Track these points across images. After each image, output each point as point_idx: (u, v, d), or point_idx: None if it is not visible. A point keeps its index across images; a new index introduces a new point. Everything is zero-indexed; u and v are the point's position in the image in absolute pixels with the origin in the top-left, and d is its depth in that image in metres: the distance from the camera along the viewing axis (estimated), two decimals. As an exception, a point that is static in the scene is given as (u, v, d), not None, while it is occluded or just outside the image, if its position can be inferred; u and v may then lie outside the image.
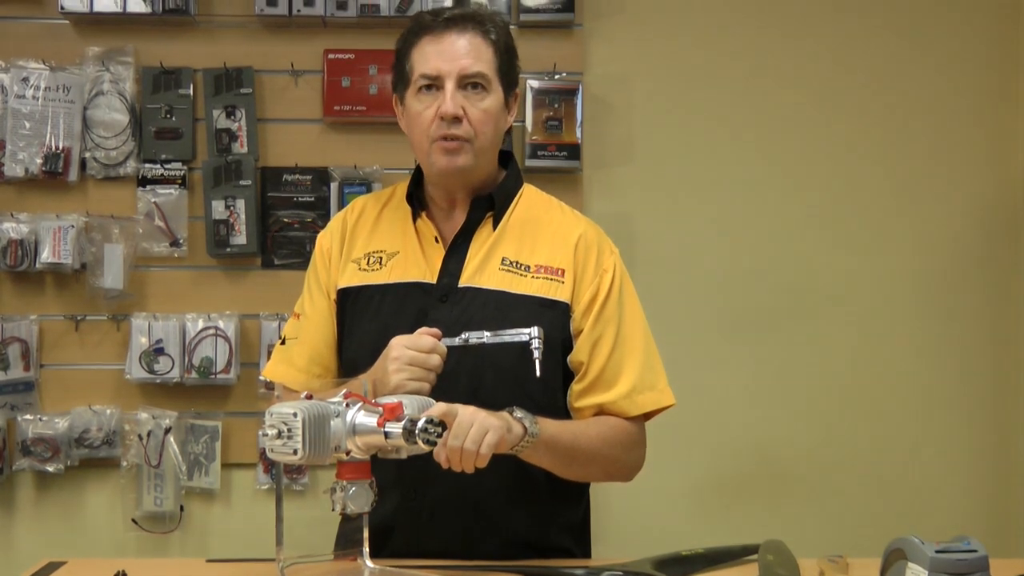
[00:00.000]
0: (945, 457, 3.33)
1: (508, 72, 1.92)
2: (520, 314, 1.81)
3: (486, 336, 1.78)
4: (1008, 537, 3.32)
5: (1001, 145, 3.34)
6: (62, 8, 3.10)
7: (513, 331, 1.78)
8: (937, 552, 1.56)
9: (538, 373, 1.76)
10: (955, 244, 3.33)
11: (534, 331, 1.77)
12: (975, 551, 1.57)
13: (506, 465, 1.77)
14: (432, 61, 1.86)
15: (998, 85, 3.33)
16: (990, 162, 3.34)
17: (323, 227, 3.08)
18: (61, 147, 3.13)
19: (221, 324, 3.15)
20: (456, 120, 1.85)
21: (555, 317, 1.88)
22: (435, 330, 1.77)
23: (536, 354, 1.76)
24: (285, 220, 3.20)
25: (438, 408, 1.61)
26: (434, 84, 1.86)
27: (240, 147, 3.17)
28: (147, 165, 3.17)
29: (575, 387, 1.92)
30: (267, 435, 1.56)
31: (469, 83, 1.86)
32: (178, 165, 3.17)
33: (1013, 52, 3.33)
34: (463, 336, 1.78)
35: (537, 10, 3.18)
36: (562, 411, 1.92)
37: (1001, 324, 3.34)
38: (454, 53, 1.86)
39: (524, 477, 1.86)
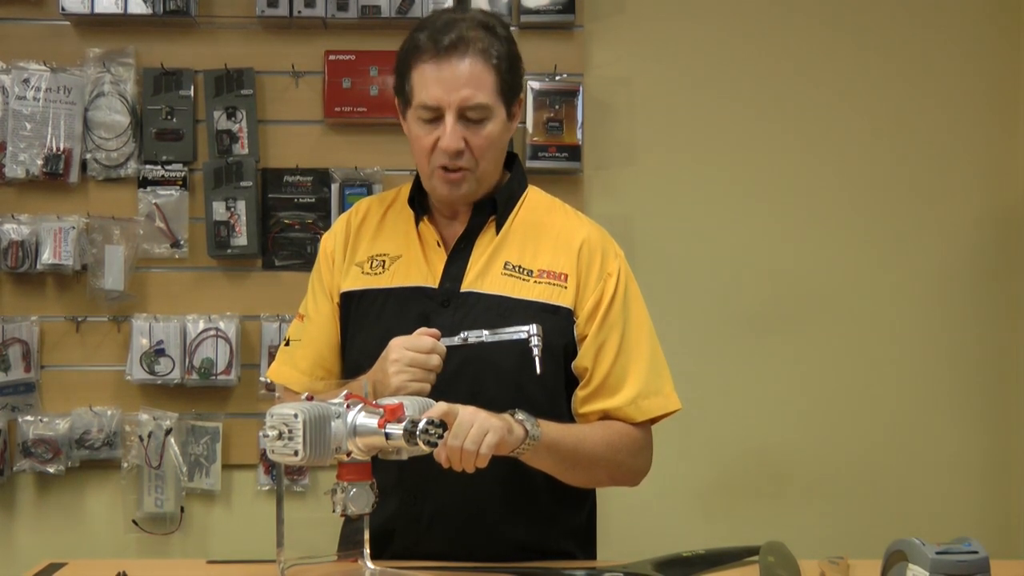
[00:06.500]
0: (946, 459, 3.33)
1: (511, 87, 1.87)
2: (522, 319, 1.80)
3: (485, 335, 1.77)
4: (1009, 538, 3.32)
5: (1003, 153, 3.33)
6: (63, 9, 3.10)
7: (512, 329, 1.77)
8: (938, 553, 1.56)
9: (539, 370, 1.75)
10: (956, 248, 3.33)
11: (532, 328, 1.77)
12: (976, 552, 1.57)
13: (506, 470, 1.77)
14: (432, 90, 1.81)
15: (1000, 94, 3.33)
16: (992, 169, 3.34)
17: (324, 228, 3.13)
18: (62, 148, 3.13)
19: (222, 325, 3.15)
20: (458, 154, 1.83)
21: (558, 322, 1.87)
22: (434, 330, 1.76)
23: (536, 351, 1.76)
24: (286, 221, 3.20)
25: (439, 409, 1.61)
26: (434, 115, 1.83)
27: (241, 148, 3.17)
28: (148, 166, 3.17)
29: (579, 393, 1.92)
30: (268, 436, 1.56)
31: (470, 112, 1.82)
32: (179, 166, 3.18)
33: (1014, 61, 3.33)
34: (462, 335, 1.77)
35: (538, 11, 3.18)
36: (565, 417, 1.91)
37: (1002, 326, 3.34)
38: (455, 82, 1.80)
39: (524, 482, 1.86)
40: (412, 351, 1.73)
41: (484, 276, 1.90)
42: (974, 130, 3.33)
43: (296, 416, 1.54)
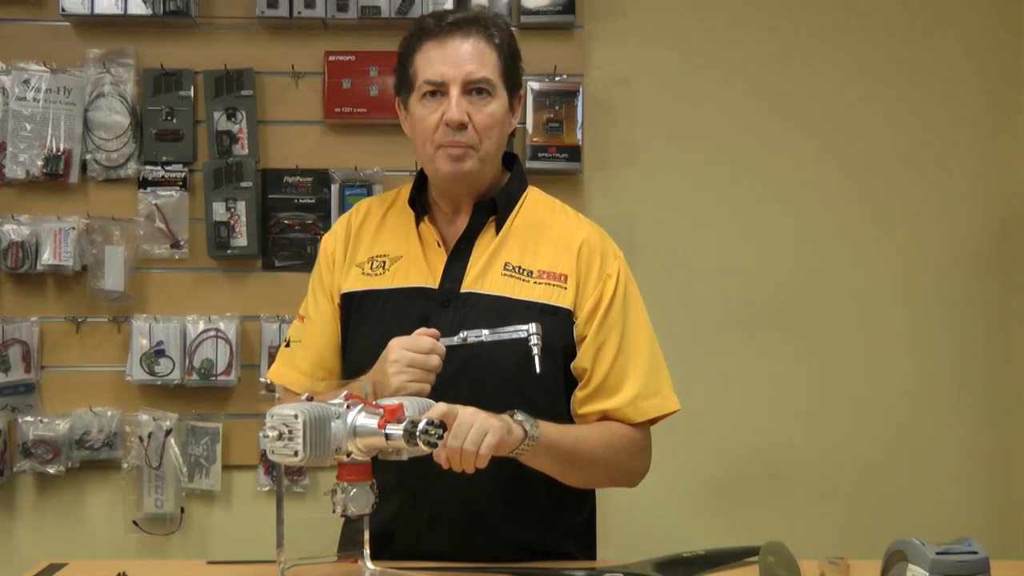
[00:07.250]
0: (946, 459, 3.33)
1: (512, 75, 1.91)
2: (522, 320, 1.80)
3: (484, 334, 1.77)
4: (1009, 539, 3.32)
5: (1001, 154, 3.33)
6: (63, 10, 3.10)
7: (511, 328, 1.78)
8: (938, 554, 1.56)
9: (538, 369, 1.75)
10: (955, 246, 3.34)
11: (532, 327, 1.77)
12: (976, 553, 1.57)
13: (506, 471, 1.77)
14: (436, 67, 1.85)
15: (999, 95, 3.33)
16: (990, 168, 3.34)
17: (324, 229, 3.13)
18: (62, 149, 3.13)
19: (222, 326, 3.15)
20: (461, 127, 1.85)
21: (557, 323, 1.88)
22: (433, 330, 1.77)
23: (535, 350, 1.76)
24: (286, 222, 3.20)
25: (438, 409, 1.61)
26: (438, 90, 1.86)
27: (241, 149, 3.18)
28: (148, 167, 3.17)
29: (579, 394, 1.92)
30: (268, 436, 1.56)
31: (473, 88, 1.86)
32: (179, 167, 3.17)
33: (1014, 62, 3.33)
34: (462, 335, 1.78)
35: (538, 12, 3.19)
36: (564, 418, 1.91)
37: (1001, 326, 3.34)
38: (458, 58, 1.85)
39: (524, 483, 1.86)
40: (411, 351, 1.73)
41: (484, 277, 1.90)
42: (976, 129, 3.33)
43: (296, 417, 1.54)
